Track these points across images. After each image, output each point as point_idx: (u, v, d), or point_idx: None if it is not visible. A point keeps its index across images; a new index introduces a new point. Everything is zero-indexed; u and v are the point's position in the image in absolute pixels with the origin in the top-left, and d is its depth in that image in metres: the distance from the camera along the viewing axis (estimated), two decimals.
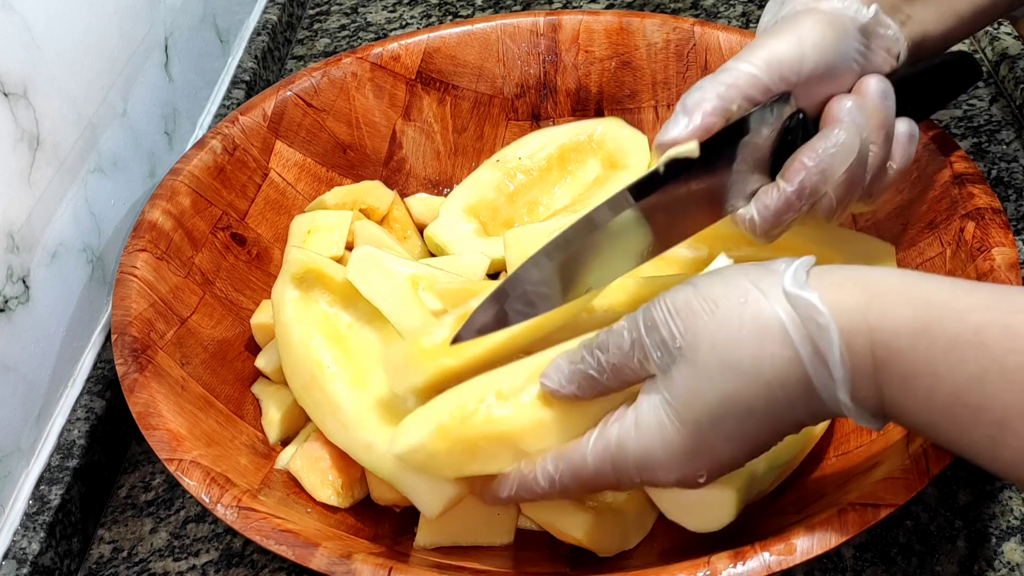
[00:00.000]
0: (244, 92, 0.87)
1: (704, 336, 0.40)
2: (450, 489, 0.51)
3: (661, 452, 0.42)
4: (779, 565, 0.43)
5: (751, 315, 0.40)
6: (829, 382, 0.39)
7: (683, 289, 0.42)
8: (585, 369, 0.44)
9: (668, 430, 0.42)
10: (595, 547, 0.52)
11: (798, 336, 0.39)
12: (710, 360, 0.40)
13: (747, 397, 0.40)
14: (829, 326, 0.38)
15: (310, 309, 0.61)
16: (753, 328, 0.40)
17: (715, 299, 0.41)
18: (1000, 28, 0.86)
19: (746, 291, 0.40)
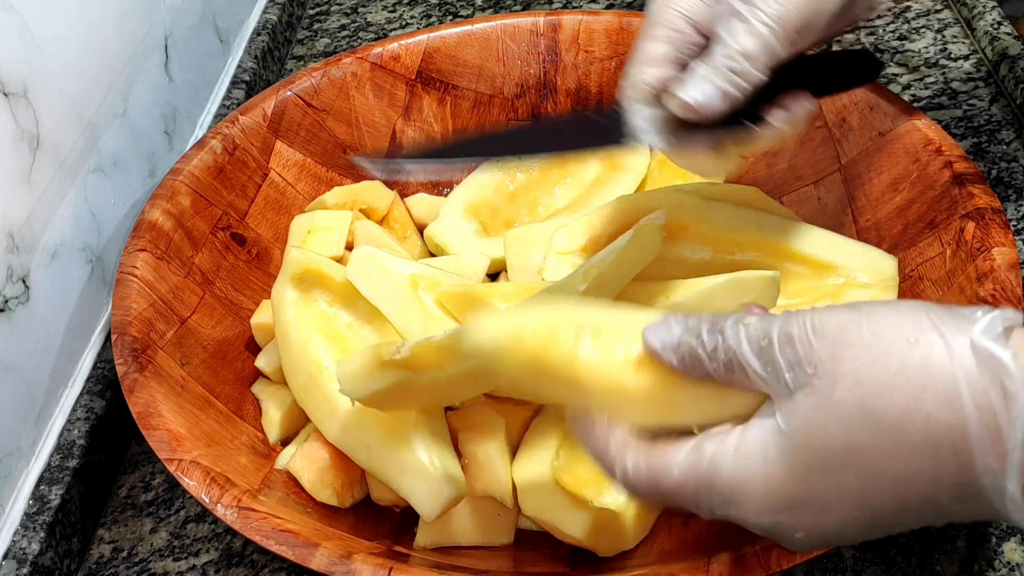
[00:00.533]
0: (244, 92, 0.87)
1: (848, 370, 0.34)
2: (447, 491, 0.51)
3: (758, 488, 0.36)
4: (779, 565, 0.43)
5: (918, 360, 0.33)
6: (997, 466, 0.32)
7: (840, 311, 0.35)
8: (696, 347, 0.37)
9: (772, 465, 0.35)
10: (595, 547, 0.52)
11: (972, 400, 0.32)
12: (847, 400, 0.33)
13: (880, 456, 0.33)
14: (1018, 397, 0.31)
15: (310, 309, 0.61)
16: (915, 376, 0.32)
17: (878, 330, 0.34)
18: (1000, 28, 0.86)
19: (921, 329, 0.33)
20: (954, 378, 0.32)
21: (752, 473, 0.36)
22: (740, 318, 0.37)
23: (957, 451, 0.32)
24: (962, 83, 0.85)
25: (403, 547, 0.54)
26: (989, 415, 0.31)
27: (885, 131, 0.65)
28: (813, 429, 0.34)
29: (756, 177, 0.72)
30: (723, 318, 0.38)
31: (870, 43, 0.91)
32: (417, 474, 0.52)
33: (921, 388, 0.32)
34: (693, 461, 0.37)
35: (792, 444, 0.35)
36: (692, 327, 0.38)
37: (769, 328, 0.36)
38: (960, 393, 0.32)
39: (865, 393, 0.33)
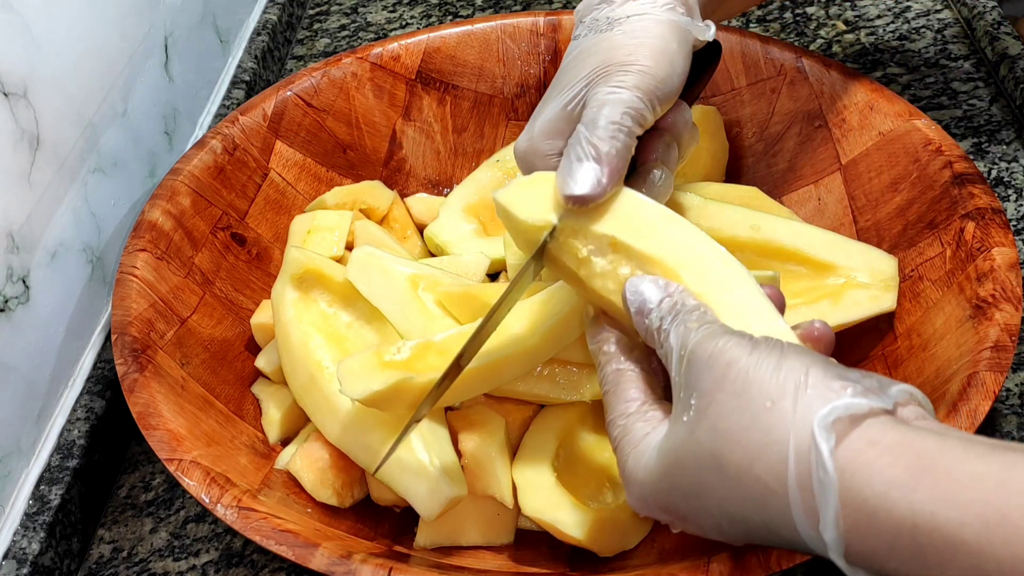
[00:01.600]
0: (244, 92, 0.87)
1: (713, 413, 0.36)
2: (447, 491, 0.51)
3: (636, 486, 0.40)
4: (779, 565, 0.43)
5: (765, 425, 0.35)
6: (815, 537, 0.34)
7: (740, 346, 0.37)
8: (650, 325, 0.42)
9: (650, 473, 0.40)
10: (595, 547, 0.52)
11: (796, 479, 0.34)
12: (703, 441, 0.37)
13: (722, 496, 0.37)
14: (829, 489, 0.33)
15: (310, 309, 0.61)
16: (756, 441, 0.35)
17: (749, 382, 0.36)
18: (1000, 28, 0.86)
19: (782, 395, 0.35)
20: (786, 455, 0.34)
21: (636, 473, 0.40)
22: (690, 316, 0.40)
23: (781, 512, 0.35)
24: (962, 83, 0.85)
25: (403, 547, 0.54)
26: (808, 495, 0.34)
27: (885, 131, 0.65)
28: (677, 455, 0.38)
29: (756, 177, 0.72)
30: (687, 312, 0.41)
31: (870, 43, 0.91)
32: (417, 474, 0.52)
33: (759, 453, 0.35)
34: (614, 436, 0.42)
35: (661, 464, 0.39)
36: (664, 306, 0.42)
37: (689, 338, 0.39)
38: (788, 469, 0.34)
39: (716, 440, 0.36)
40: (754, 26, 0.95)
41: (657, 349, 0.41)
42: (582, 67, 0.49)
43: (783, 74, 0.70)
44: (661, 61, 0.47)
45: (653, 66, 0.47)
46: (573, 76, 0.49)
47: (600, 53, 0.48)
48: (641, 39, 0.48)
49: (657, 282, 0.43)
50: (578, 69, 0.49)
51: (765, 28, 0.94)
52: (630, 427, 0.41)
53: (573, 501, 0.53)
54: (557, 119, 0.49)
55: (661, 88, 0.47)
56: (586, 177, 0.45)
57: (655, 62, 0.47)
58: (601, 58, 0.48)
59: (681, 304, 0.41)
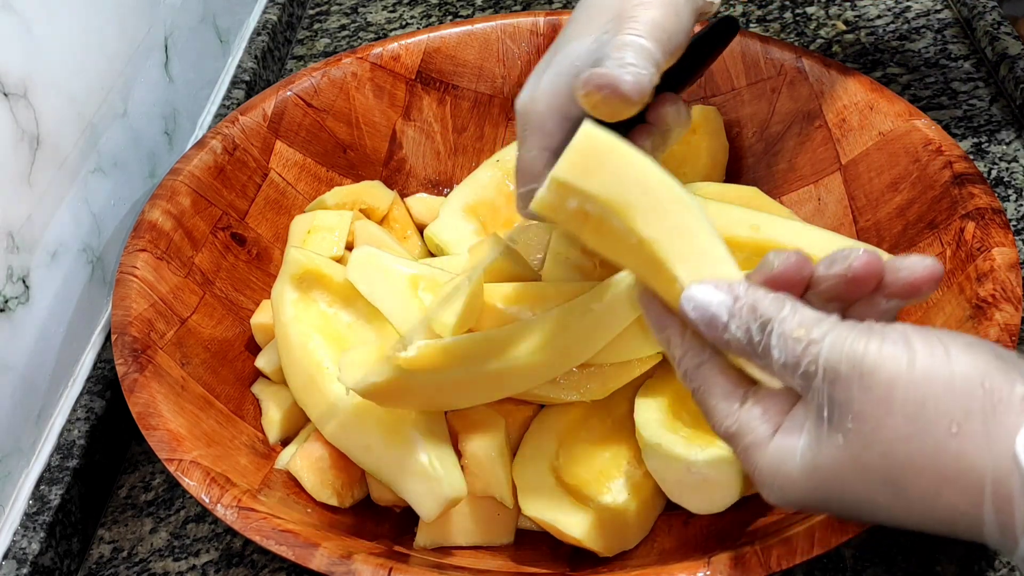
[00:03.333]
0: (244, 92, 0.87)
1: (883, 439, 0.34)
2: (447, 491, 0.51)
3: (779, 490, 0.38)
4: (779, 565, 0.43)
5: (954, 452, 0.33)
6: (1008, 547, 0.33)
7: (895, 356, 0.34)
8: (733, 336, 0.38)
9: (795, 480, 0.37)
10: (595, 547, 0.52)
11: (993, 503, 0.33)
12: (875, 466, 0.34)
13: (895, 514, 0.35)
14: None
15: (309, 309, 0.61)
16: (945, 469, 0.33)
17: (923, 403, 0.33)
18: (1000, 28, 0.86)
19: (967, 416, 0.33)
20: (982, 480, 0.33)
21: (777, 478, 0.37)
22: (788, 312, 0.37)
23: (970, 530, 0.34)
24: (962, 83, 0.85)
25: (403, 547, 0.54)
26: (1007, 519, 0.32)
27: (885, 131, 0.65)
28: (837, 476, 0.36)
29: (756, 177, 0.72)
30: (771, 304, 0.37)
31: (870, 43, 0.91)
32: (417, 475, 0.52)
33: (948, 480, 0.33)
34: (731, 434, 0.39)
35: (814, 475, 0.36)
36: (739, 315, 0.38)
37: (818, 352, 0.35)
38: (984, 494, 0.33)
39: (893, 467, 0.34)
40: (754, 26, 0.95)
41: (755, 361, 0.38)
42: (591, 21, 0.48)
43: (783, 74, 0.70)
44: (669, 11, 0.47)
45: (663, 16, 0.46)
46: (580, 30, 0.48)
47: (608, 6, 0.47)
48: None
49: (718, 287, 0.38)
50: (588, 23, 0.48)
51: (765, 28, 0.94)
52: (748, 426, 0.38)
53: (573, 501, 0.53)
54: (565, 75, 0.47)
55: (671, 41, 0.47)
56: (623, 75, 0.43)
57: (664, 13, 0.46)
58: (611, 11, 0.47)
59: (759, 303, 0.37)
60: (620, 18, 0.47)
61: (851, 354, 0.35)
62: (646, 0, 0.47)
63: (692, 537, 0.53)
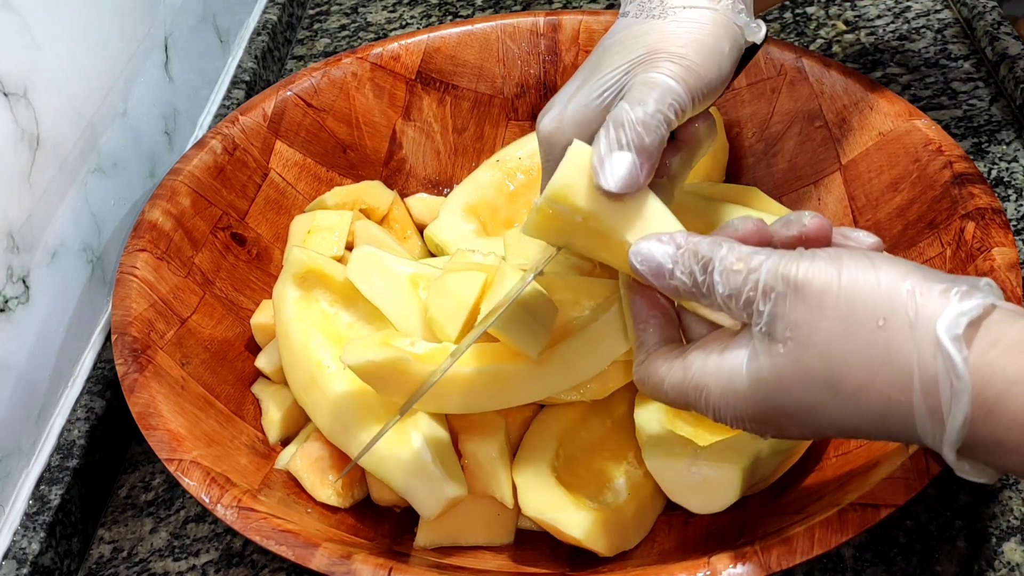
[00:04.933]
0: (244, 92, 0.87)
1: (818, 340, 0.37)
2: (447, 491, 0.51)
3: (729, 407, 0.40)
4: (779, 565, 0.43)
5: (882, 342, 0.36)
6: (936, 435, 0.36)
7: (824, 270, 0.37)
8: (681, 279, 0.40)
9: (742, 397, 0.39)
10: (595, 547, 0.52)
11: (921, 388, 0.35)
12: (813, 367, 0.37)
13: (834, 413, 0.38)
14: (962, 395, 0.34)
15: (311, 308, 0.61)
16: (876, 358, 0.36)
17: (853, 304, 0.36)
18: (1000, 28, 0.86)
19: (892, 310, 0.36)
20: (910, 366, 0.35)
21: (725, 396, 0.40)
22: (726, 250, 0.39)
23: (902, 420, 0.36)
24: (962, 83, 0.85)
25: (403, 547, 0.54)
26: (933, 400, 0.35)
27: (885, 131, 0.65)
28: (780, 383, 0.38)
29: (756, 177, 0.72)
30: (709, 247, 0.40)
31: (870, 43, 0.91)
32: (417, 474, 0.52)
33: (879, 369, 0.36)
34: (680, 378, 0.41)
35: (760, 387, 0.39)
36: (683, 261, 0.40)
37: (756, 278, 0.38)
38: (913, 380, 0.35)
39: (830, 365, 0.37)
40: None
41: (701, 301, 0.40)
42: (626, 52, 0.47)
43: (783, 74, 0.70)
44: (710, 61, 0.46)
45: (702, 64, 0.45)
46: (615, 61, 0.47)
47: (648, 40, 0.46)
48: (695, 34, 0.46)
49: (661, 239, 0.41)
50: (621, 54, 0.47)
51: None
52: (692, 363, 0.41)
53: (573, 501, 0.53)
54: (593, 107, 0.47)
55: (704, 89, 0.46)
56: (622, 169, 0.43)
57: (703, 59, 0.46)
58: (648, 45, 0.46)
59: (698, 247, 0.40)
60: (656, 53, 0.46)
61: (785, 273, 0.38)
62: (687, 42, 0.46)
63: (692, 537, 0.53)
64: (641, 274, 0.41)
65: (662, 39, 0.46)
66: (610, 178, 0.43)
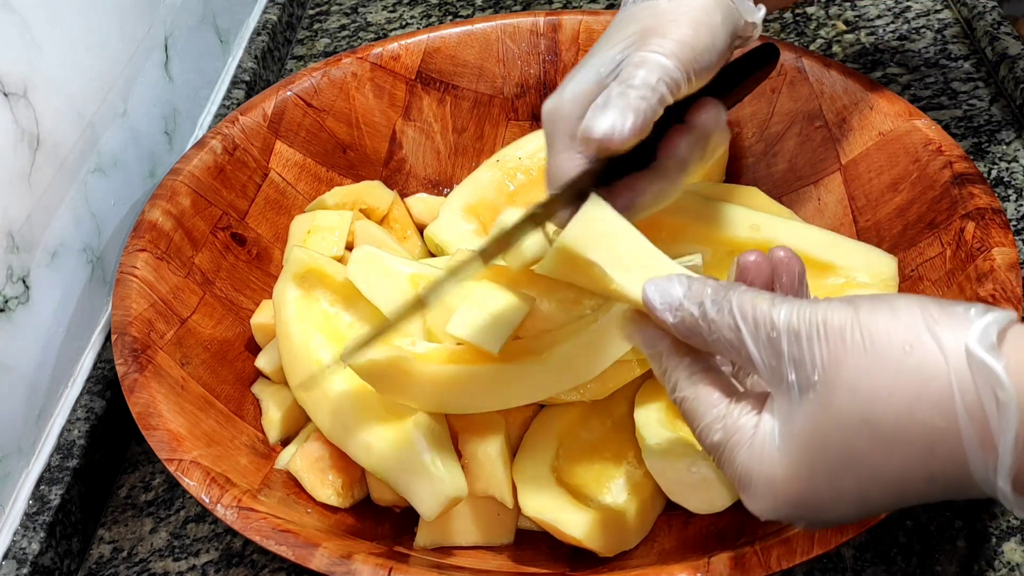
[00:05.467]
0: (244, 92, 0.87)
1: (847, 377, 0.35)
2: (448, 491, 0.51)
3: (764, 484, 0.37)
4: (779, 565, 0.43)
5: (913, 367, 0.34)
6: (989, 466, 0.33)
7: (841, 310, 0.36)
8: (696, 318, 0.39)
9: (776, 466, 0.37)
10: (595, 547, 0.52)
11: (965, 409, 0.33)
12: (846, 408, 0.35)
13: (877, 460, 0.35)
14: (1009, 405, 0.32)
15: (311, 308, 0.61)
16: (910, 384, 0.34)
17: (874, 335, 0.35)
18: (1000, 28, 0.86)
19: (917, 335, 0.34)
20: (949, 387, 0.33)
21: (760, 470, 0.37)
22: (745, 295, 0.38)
23: (951, 454, 0.33)
24: (962, 83, 0.85)
25: (403, 547, 0.54)
26: (981, 422, 0.33)
27: (885, 131, 0.65)
28: (815, 434, 0.36)
29: (756, 177, 0.72)
30: (728, 289, 0.39)
31: (870, 43, 0.91)
32: (418, 474, 0.52)
33: (916, 396, 0.34)
34: (721, 439, 0.39)
35: (795, 446, 0.36)
36: (695, 292, 0.39)
37: (776, 317, 0.37)
38: (954, 401, 0.33)
39: (862, 401, 0.34)
40: None
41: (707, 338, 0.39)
42: (622, 32, 0.48)
43: (783, 74, 0.70)
44: (702, 31, 0.47)
45: (692, 35, 0.46)
46: (611, 40, 0.48)
47: (642, 20, 0.48)
48: (684, 8, 0.47)
49: (671, 280, 0.40)
50: (618, 34, 0.48)
51: (765, 28, 0.94)
52: (733, 427, 0.38)
53: (573, 501, 0.53)
54: (589, 83, 0.48)
55: (699, 60, 0.47)
56: (610, 119, 0.44)
57: (695, 31, 0.47)
58: (642, 24, 0.48)
59: (706, 286, 0.39)
60: (648, 32, 0.47)
61: (803, 315, 0.36)
62: (679, 17, 0.47)
63: (692, 537, 0.53)
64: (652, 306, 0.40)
65: (654, 16, 0.48)
66: (596, 126, 0.44)
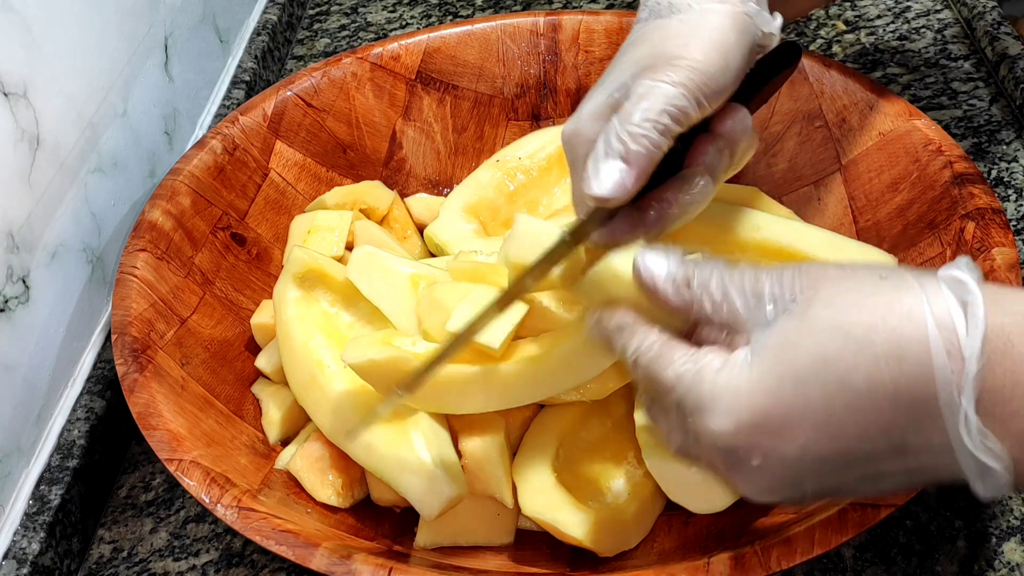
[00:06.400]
0: (244, 92, 0.87)
1: (824, 295, 0.37)
2: (448, 490, 0.51)
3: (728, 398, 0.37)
4: (779, 565, 0.43)
5: (887, 287, 0.36)
6: (954, 377, 0.34)
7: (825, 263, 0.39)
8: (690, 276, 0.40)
9: (744, 380, 0.37)
10: (595, 547, 0.52)
11: (934, 316, 0.34)
12: (820, 316, 0.36)
13: (845, 364, 0.35)
14: (976, 310, 0.34)
15: (311, 308, 0.61)
16: (883, 298, 0.36)
17: (855, 270, 0.38)
18: (1000, 28, 0.86)
19: (890, 271, 0.37)
20: (920, 298, 0.35)
21: (726, 385, 0.37)
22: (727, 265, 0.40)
23: (918, 361, 0.35)
24: (962, 83, 0.85)
25: (403, 547, 0.54)
26: (949, 328, 0.34)
27: (885, 131, 0.65)
28: (786, 343, 0.37)
29: (756, 177, 0.72)
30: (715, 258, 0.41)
31: (870, 43, 0.91)
32: (417, 473, 0.52)
33: (888, 307, 0.35)
34: (688, 368, 0.39)
35: (764, 358, 0.37)
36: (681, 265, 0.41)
37: (760, 272, 0.39)
38: (923, 311, 0.35)
39: (837, 311, 0.36)
40: None
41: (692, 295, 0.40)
42: (633, 55, 0.47)
43: None
44: (713, 55, 0.45)
45: (703, 60, 0.45)
46: (622, 62, 0.47)
47: (652, 42, 0.47)
48: (696, 30, 0.46)
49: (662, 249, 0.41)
50: (630, 56, 0.47)
51: None
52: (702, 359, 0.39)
53: (573, 501, 0.53)
54: (603, 106, 0.47)
55: (710, 84, 0.45)
56: (610, 177, 0.44)
57: (705, 55, 0.45)
58: (651, 48, 0.46)
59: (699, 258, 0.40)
60: (658, 56, 0.46)
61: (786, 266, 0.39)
62: (689, 41, 0.46)
63: (692, 537, 0.53)
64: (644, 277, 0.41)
65: (664, 38, 0.47)
66: (597, 185, 0.44)
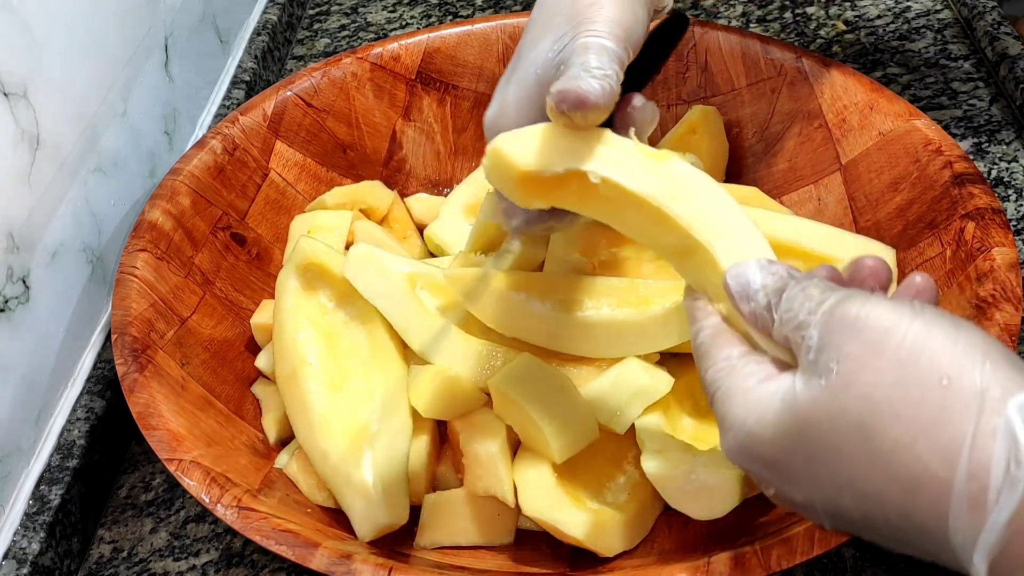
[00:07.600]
0: (244, 92, 0.87)
1: (865, 381, 0.32)
2: (382, 518, 0.52)
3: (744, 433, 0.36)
4: (779, 565, 0.43)
5: (937, 403, 0.31)
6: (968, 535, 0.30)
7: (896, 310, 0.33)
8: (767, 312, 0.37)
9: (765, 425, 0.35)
10: (595, 547, 0.52)
11: (968, 468, 0.30)
12: (850, 408, 0.33)
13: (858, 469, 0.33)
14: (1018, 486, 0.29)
15: (309, 301, 0.61)
16: (926, 415, 0.31)
17: (917, 353, 0.32)
18: (1000, 28, 0.86)
19: (961, 372, 0.31)
20: (963, 439, 0.30)
21: (747, 419, 0.36)
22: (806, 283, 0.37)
23: (933, 504, 0.31)
24: (962, 83, 0.85)
25: (403, 547, 0.54)
26: (979, 485, 0.30)
27: (885, 131, 0.65)
28: (811, 417, 0.34)
29: (756, 177, 0.72)
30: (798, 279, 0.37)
31: (870, 43, 0.91)
32: (359, 493, 0.53)
33: (925, 430, 0.31)
34: (722, 377, 0.38)
35: (788, 419, 0.35)
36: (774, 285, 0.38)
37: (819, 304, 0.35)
38: (962, 454, 0.30)
39: (869, 411, 0.32)
40: (754, 26, 0.95)
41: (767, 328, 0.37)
42: (546, 28, 0.47)
43: (783, 74, 0.70)
44: (625, 9, 0.46)
45: (620, 14, 0.45)
46: (538, 39, 0.47)
47: (563, 11, 0.46)
48: None
49: (761, 264, 0.39)
50: (542, 31, 0.47)
51: (765, 28, 0.94)
52: (738, 369, 0.37)
53: (573, 501, 0.53)
54: (529, 86, 0.47)
55: (631, 35, 0.46)
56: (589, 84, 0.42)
57: (620, 10, 0.46)
58: (566, 16, 0.46)
59: (790, 276, 0.37)
60: (576, 19, 0.46)
61: (854, 304, 0.34)
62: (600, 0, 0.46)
63: (692, 537, 0.53)
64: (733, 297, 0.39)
65: (576, 5, 0.46)
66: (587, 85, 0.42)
